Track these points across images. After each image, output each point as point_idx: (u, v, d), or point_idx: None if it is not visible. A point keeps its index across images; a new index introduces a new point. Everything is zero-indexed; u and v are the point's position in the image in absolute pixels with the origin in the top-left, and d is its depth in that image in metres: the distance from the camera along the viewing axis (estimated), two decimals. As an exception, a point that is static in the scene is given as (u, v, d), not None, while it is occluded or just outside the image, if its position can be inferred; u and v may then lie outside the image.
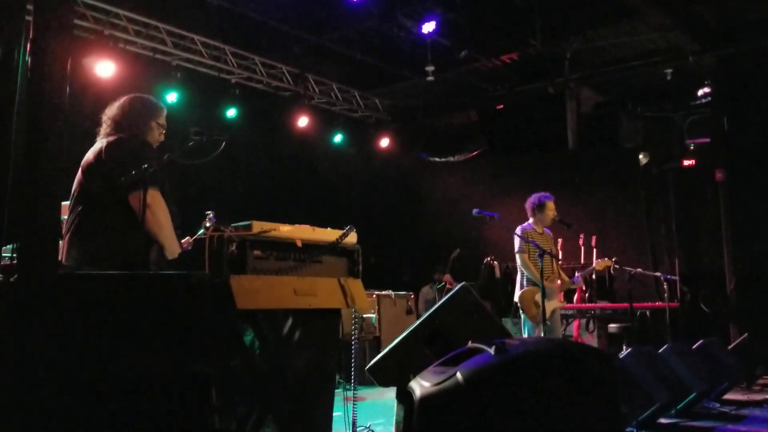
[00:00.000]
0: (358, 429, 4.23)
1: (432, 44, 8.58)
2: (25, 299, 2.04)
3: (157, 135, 3.61)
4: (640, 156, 9.58)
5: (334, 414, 3.51)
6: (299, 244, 3.21)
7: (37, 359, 2.01)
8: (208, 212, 3.09)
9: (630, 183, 9.67)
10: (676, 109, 9.54)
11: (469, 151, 11.00)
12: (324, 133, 10.37)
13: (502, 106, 10.59)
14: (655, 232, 9.46)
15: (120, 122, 3.46)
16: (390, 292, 8.93)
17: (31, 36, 2.24)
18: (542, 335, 5.96)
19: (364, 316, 8.11)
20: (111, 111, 3.51)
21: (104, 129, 3.47)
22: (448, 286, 9.46)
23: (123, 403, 2.08)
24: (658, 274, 7.31)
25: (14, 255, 2.15)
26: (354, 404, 4.21)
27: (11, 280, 2.13)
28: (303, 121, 9.54)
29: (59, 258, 3.15)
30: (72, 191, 3.34)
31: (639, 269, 6.83)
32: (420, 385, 1.78)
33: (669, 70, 9.04)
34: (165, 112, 3.66)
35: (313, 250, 3.27)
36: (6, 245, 2.19)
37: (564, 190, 8.55)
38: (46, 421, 1.93)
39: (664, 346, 5.35)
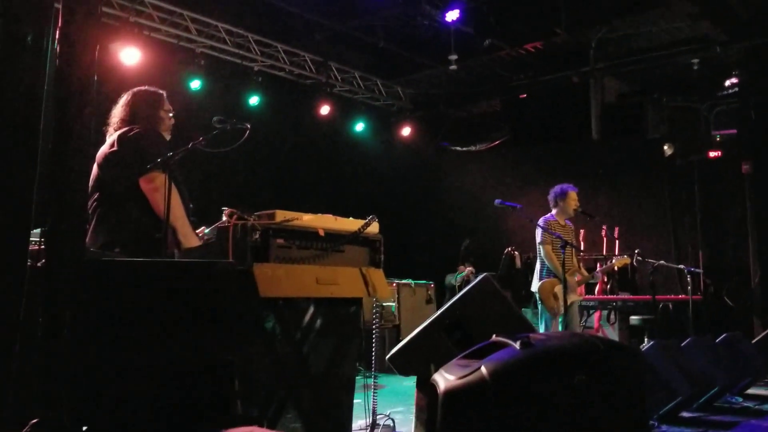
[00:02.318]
0: (377, 416, 4.25)
1: (455, 32, 8.52)
2: (53, 284, 2.06)
3: (168, 122, 3.71)
4: (665, 147, 9.45)
5: (355, 401, 3.53)
6: (322, 233, 3.22)
7: (64, 344, 2.03)
8: (224, 208, 3.12)
9: (654, 174, 9.56)
10: (702, 100, 9.40)
11: (492, 140, 10.93)
12: (346, 121, 10.36)
13: (525, 95, 10.49)
14: (679, 225, 9.35)
15: (129, 119, 3.56)
16: (410, 281, 8.94)
17: (59, 23, 2.26)
18: (560, 328, 5.94)
19: (384, 304, 8.13)
20: (117, 111, 3.62)
21: (114, 127, 3.58)
22: (468, 275, 9.45)
23: (146, 388, 2.10)
24: (681, 266, 7.23)
25: (42, 240, 2.17)
26: (374, 392, 4.23)
27: (39, 265, 2.15)
28: (325, 110, 9.54)
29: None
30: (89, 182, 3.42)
31: (662, 261, 6.76)
32: (444, 378, 1.78)
33: (696, 60, 8.88)
34: (165, 96, 3.73)
35: (335, 240, 3.28)
36: (34, 230, 2.21)
37: (587, 180, 8.49)
38: (71, 406, 1.95)
39: (687, 340, 5.30)
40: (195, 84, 8.11)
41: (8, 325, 1.79)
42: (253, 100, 8.89)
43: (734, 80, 8.91)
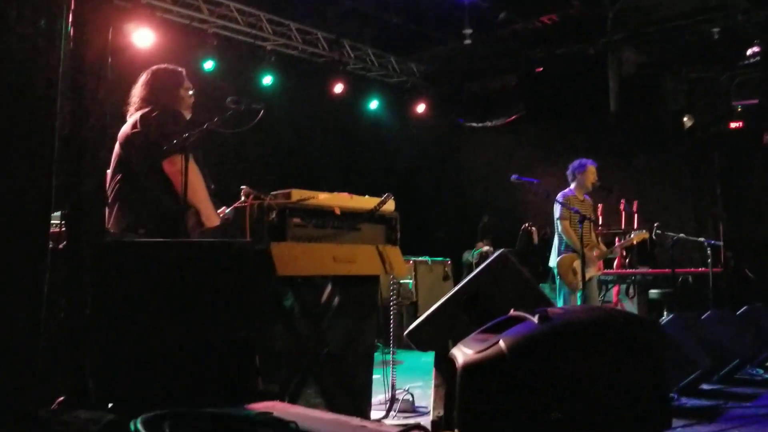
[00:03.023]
0: (396, 391, 4.28)
1: (470, 6, 8.41)
2: (74, 266, 2.09)
3: (188, 100, 3.67)
4: (685, 119, 9.31)
5: (374, 377, 3.56)
6: (338, 212, 3.23)
7: (87, 324, 2.06)
8: (243, 187, 3.13)
9: (674, 147, 9.43)
10: (722, 70, 9.23)
11: (508, 115, 10.82)
12: (360, 99, 10.32)
13: (541, 69, 10.37)
14: (699, 197, 9.25)
15: (149, 99, 3.53)
16: (427, 258, 8.95)
17: (72, 6, 2.26)
18: (578, 303, 5.93)
19: (402, 281, 8.15)
20: (137, 90, 3.59)
21: (135, 107, 3.55)
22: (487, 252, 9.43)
23: (170, 366, 2.13)
24: (701, 239, 7.16)
25: (63, 222, 2.19)
26: (393, 367, 4.26)
27: (60, 247, 2.17)
28: (338, 88, 9.49)
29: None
30: (111, 162, 3.44)
31: (682, 235, 6.70)
32: (462, 353, 1.78)
33: (716, 29, 8.71)
34: (184, 74, 3.70)
35: (351, 218, 3.29)
36: (54, 212, 2.24)
37: (605, 154, 8.39)
38: (97, 384, 1.99)
39: (707, 312, 5.27)
40: (208, 65, 8.11)
41: (33, 307, 1.82)
42: (267, 80, 8.87)
43: (756, 49, 8.72)
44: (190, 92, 3.68)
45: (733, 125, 8.84)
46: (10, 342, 1.74)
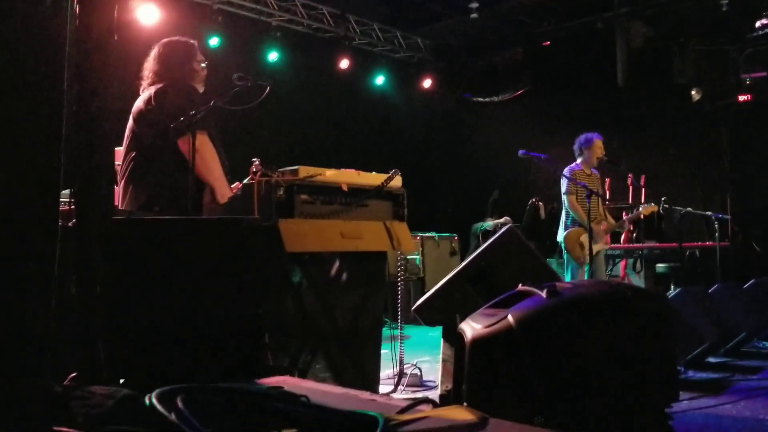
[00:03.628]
0: (404, 366, 4.32)
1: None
2: (84, 243, 2.10)
3: (201, 73, 3.62)
4: (693, 92, 9.23)
5: (382, 352, 3.59)
6: (345, 188, 3.24)
7: (98, 301, 2.08)
8: (255, 159, 3.12)
9: (681, 121, 9.36)
10: (731, 42, 9.11)
11: (514, 90, 10.75)
12: (366, 75, 10.26)
13: (548, 43, 10.27)
14: (706, 171, 9.20)
15: (162, 73, 3.48)
16: (434, 234, 8.96)
17: (77, -18, 2.25)
18: (585, 277, 5.94)
19: (409, 257, 8.18)
20: (149, 64, 3.54)
21: (148, 81, 3.51)
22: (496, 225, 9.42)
23: (180, 342, 2.15)
24: (709, 213, 7.13)
25: (72, 200, 2.20)
26: (401, 342, 4.30)
27: (70, 225, 2.19)
28: (344, 64, 9.44)
29: (115, 203, 3.27)
30: (124, 138, 3.42)
31: (689, 208, 6.68)
32: (471, 327, 1.80)
33: (724, 1, 8.59)
34: (196, 46, 3.65)
35: (358, 194, 3.29)
36: (64, 190, 2.25)
37: (613, 128, 8.34)
38: (109, 360, 2.01)
39: (714, 286, 5.28)
40: (213, 41, 8.06)
41: (44, 284, 1.84)
42: (272, 56, 8.82)
43: (765, 21, 8.61)
44: (203, 65, 3.63)
45: (741, 98, 8.75)
46: (22, 319, 1.76)
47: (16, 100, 1.92)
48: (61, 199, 2.22)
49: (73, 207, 2.19)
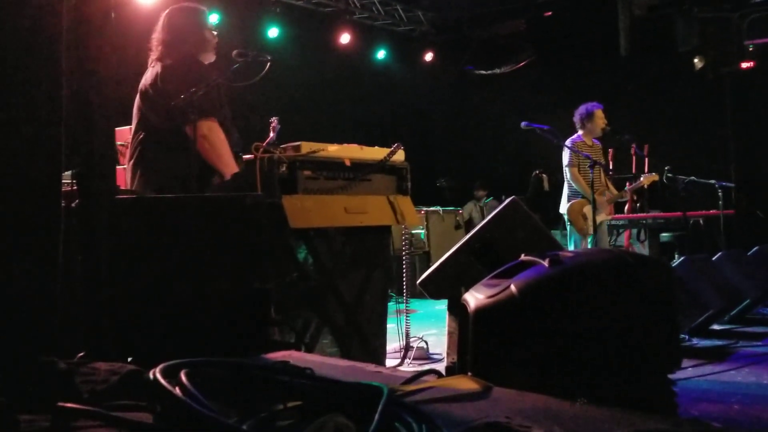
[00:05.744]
0: (411, 339, 4.35)
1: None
2: (88, 223, 2.12)
3: (213, 41, 3.50)
4: (696, 60, 9.14)
5: (388, 326, 3.61)
6: (348, 163, 3.24)
7: (104, 280, 2.10)
8: (273, 119, 3.09)
9: (685, 89, 9.29)
10: (734, 8, 8.99)
11: (517, 62, 10.67)
12: (367, 49, 10.19)
13: (550, 13, 10.16)
14: (710, 139, 9.15)
15: (171, 43, 3.35)
16: (438, 208, 8.97)
17: (72, -39, 2.23)
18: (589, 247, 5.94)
19: (414, 231, 8.19)
20: (157, 34, 3.41)
21: (156, 54, 3.38)
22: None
23: (185, 320, 2.17)
24: (712, 181, 7.11)
25: (74, 181, 2.21)
26: (407, 316, 4.32)
27: (73, 205, 2.20)
28: (345, 38, 9.38)
29: (122, 183, 3.26)
30: (133, 115, 3.37)
31: (693, 177, 6.66)
32: (474, 298, 1.81)
33: (728, -34, 8.48)
34: (206, 12, 3.56)
35: (361, 169, 3.29)
36: (66, 171, 2.26)
37: (616, 98, 8.29)
38: (116, 338, 2.03)
39: (718, 254, 5.28)
40: (213, 18, 8.01)
41: (49, 264, 1.85)
42: (273, 32, 8.77)
43: (770, -15, 8.50)
44: (214, 32, 3.52)
45: (744, 65, 8.66)
46: (28, 298, 1.78)
47: (15, 80, 1.92)
48: (63, 180, 2.22)
49: (75, 188, 2.20)
